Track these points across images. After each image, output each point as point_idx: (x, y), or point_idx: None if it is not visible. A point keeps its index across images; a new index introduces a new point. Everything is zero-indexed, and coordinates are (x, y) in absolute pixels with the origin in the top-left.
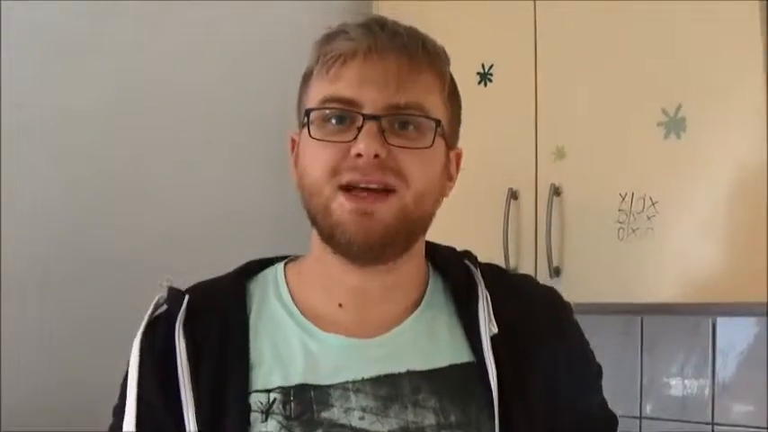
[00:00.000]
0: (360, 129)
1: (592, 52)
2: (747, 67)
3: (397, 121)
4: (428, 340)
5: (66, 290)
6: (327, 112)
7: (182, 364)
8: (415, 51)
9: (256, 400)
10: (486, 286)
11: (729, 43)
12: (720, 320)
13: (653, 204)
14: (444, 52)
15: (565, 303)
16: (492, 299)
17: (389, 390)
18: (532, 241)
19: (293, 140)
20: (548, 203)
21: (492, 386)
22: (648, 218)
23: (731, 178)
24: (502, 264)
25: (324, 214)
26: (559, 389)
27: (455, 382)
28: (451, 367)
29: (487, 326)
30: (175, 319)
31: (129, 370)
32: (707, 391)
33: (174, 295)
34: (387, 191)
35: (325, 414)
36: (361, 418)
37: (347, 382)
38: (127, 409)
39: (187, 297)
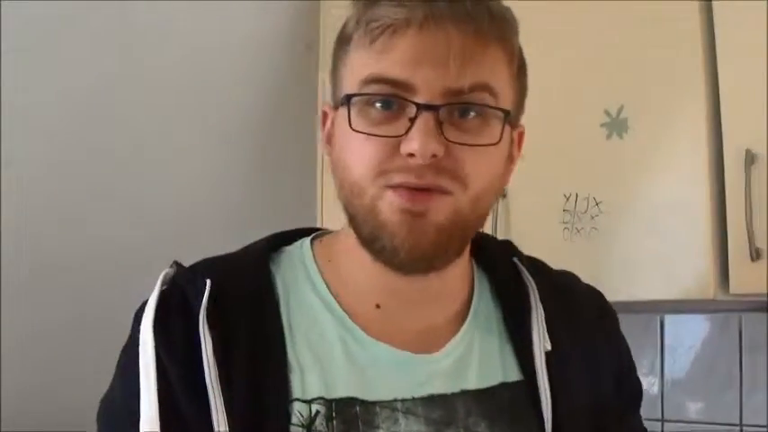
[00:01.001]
0: (412, 120)
1: (534, 54)
2: (688, 68)
3: (458, 109)
4: (480, 356)
5: (66, 289)
6: (371, 97)
7: (209, 364)
8: (482, 19)
9: (297, 410)
10: (538, 292)
11: (670, 44)
12: (668, 318)
13: (597, 204)
14: (513, 17)
15: (612, 309)
16: (544, 307)
17: (443, 413)
18: None
19: (324, 114)
20: (494, 205)
21: (544, 409)
22: (593, 218)
23: (674, 177)
24: None
25: (367, 216)
26: (608, 405)
27: (505, 404)
28: (502, 386)
29: (542, 342)
30: (195, 307)
31: (142, 366)
32: (656, 388)
33: (191, 277)
34: (441, 192)
35: None
36: None
37: (396, 401)
38: (146, 419)
39: (209, 284)
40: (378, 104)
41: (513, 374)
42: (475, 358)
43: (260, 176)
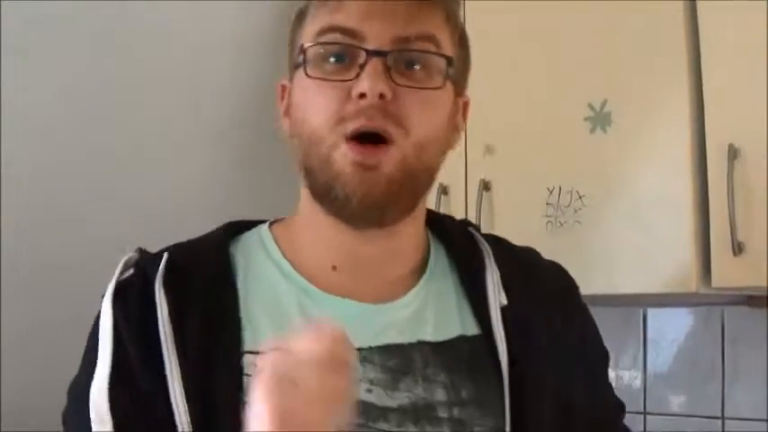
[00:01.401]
0: (362, 66)
1: (518, 48)
2: (671, 62)
3: (404, 60)
4: (436, 310)
5: (65, 289)
6: (325, 48)
7: (163, 325)
8: None
9: (250, 362)
10: (495, 257)
11: (653, 37)
12: (651, 311)
13: (580, 198)
14: None
15: (573, 279)
16: (501, 270)
17: (399, 361)
18: None
19: (283, 87)
20: (477, 198)
21: (502, 360)
22: (576, 211)
23: (657, 171)
24: None
25: (323, 165)
26: (572, 366)
27: (464, 356)
28: (461, 339)
29: (497, 297)
30: (151, 281)
31: (101, 340)
32: (638, 382)
33: (150, 256)
34: (385, 141)
35: None
36: (369, 391)
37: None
38: (97, 391)
39: (166, 255)
40: (331, 59)
41: (472, 329)
42: (431, 312)
43: (256, 174)
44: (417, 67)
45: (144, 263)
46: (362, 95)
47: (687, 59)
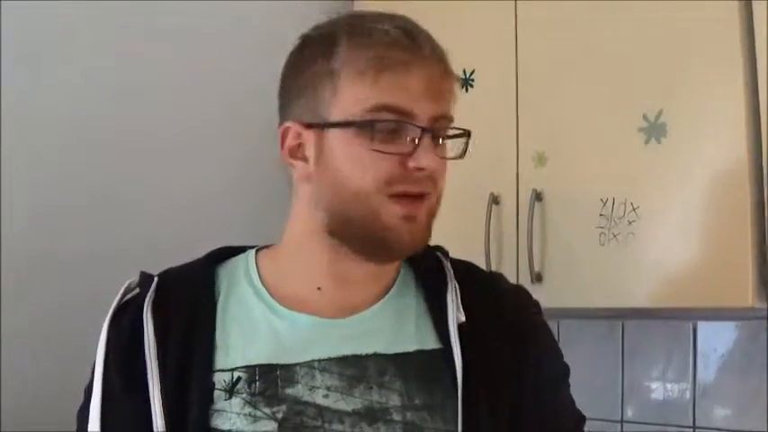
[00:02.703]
0: (414, 141)
1: (572, 58)
2: (727, 72)
3: (442, 131)
4: (396, 325)
5: (66, 287)
6: (379, 124)
7: (149, 342)
8: (444, 58)
9: (220, 378)
10: (456, 278)
11: (709, 48)
12: (701, 325)
13: (634, 209)
14: None
15: (534, 301)
16: (462, 291)
17: (355, 370)
18: (514, 246)
19: (287, 129)
20: (529, 208)
21: (457, 372)
22: (629, 223)
23: (712, 183)
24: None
25: (371, 218)
26: (526, 383)
27: (421, 367)
28: (418, 352)
29: (455, 314)
30: (141, 299)
31: (96, 356)
32: (687, 395)
33: (145, 278)
34: (423, 196)
35: (289, 390)
36: (326, 396)
37: (313, 361)
38: (93, 394)
39: (156, 279)
40: (387, 128)
41: (431, 343)
42: (388, 327)
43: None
44: (443, 135)
45: (141, 283)
46: (420, 169)
47: (743, 69)
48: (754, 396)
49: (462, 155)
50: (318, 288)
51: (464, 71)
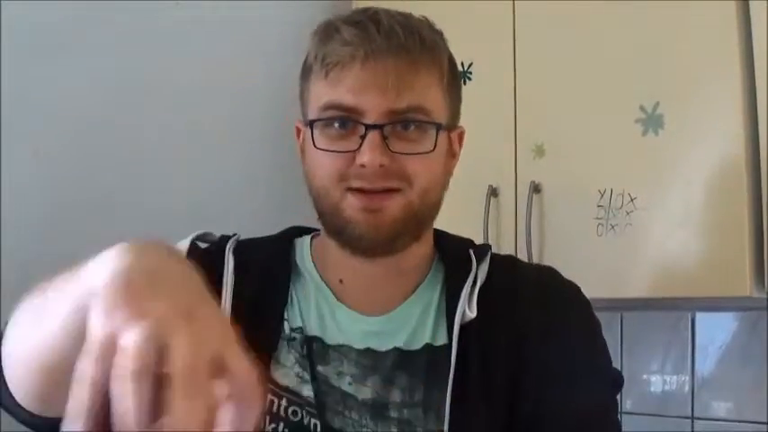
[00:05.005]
0: (362, 137)
1: (570, 50)
2: (724, 63)
3: (400, 125)
4: (419, 321)
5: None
6: (328, 122)
7: (228, 273)
8: (413, 49)
9: (287, 327)
10: (493, 277)
11: (706, 39)
12: (699, 315)
13: (632, 200)
14: (442, 38)
15: (580, 299)
16: (489, 287)
17: (372, 362)
18: (512, 238)
19: (298, 129)
20: (527, 200)
21: (450, 369)
22: (627, 213)
23: (709, 174)
24: None
25: (333, 213)
26: (534, 389)
27: (425, 363)
28: (426, 348)
29: (463, 309)
30: (224, 246)
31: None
32: (687, 387)
33: (224, 236)
34: (392, 190)
35: (320, 368)
36: (350, 384)
37: (343, 346)
38: None
39: (236, 235)
40: (336, 125)
41: (441, 339)
42: (411, 324)
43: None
44: (412, 127)
45: (221, 240)
46: (364, 165)
47: (740, 61)
48: (752, 386)
49: (433, 149)
50: (340, 281)
51: (462, 64)
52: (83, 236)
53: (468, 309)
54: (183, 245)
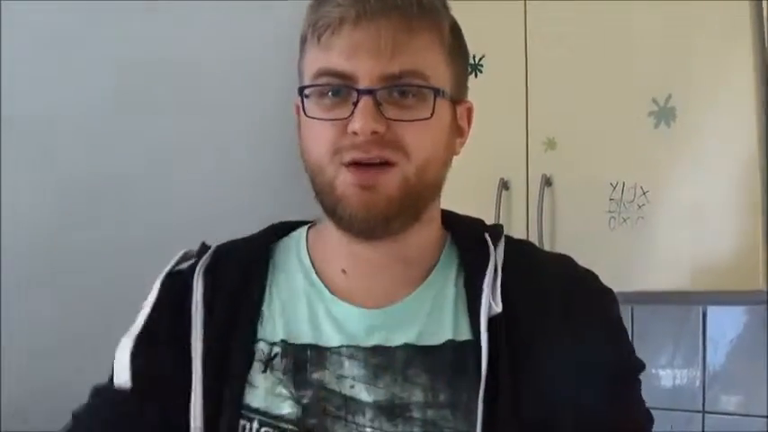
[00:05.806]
0: (355, 104)
1: (582, 43)
2: (736, 55)
3: (395, 91)
4: (431, 314)
5: (69, 287)
6: (321, 88)
7: (196, 302)
8: (409, 10)
9: (260, 348)
10: (508, 264)
11: (718, 32)
12: (711, 309)
13: (644, 194)
14: (444, 4)
15: (601, 288)
16: (509, 277)
17: (381, 359)
18: (524, 231)
19: (297, 107)
20: (539, 193)
21: (482, 368)
22: (639, 207)
23: (721, 167)
24: None
25: (328, 190)
26: (560, 385)
27: (449, 361)
28: (448, 344)
29: (488, 303)
30: (196, 265)
31: (142, 310)
32: (697, 380)
33: (202, 248)
34: (388, 164)
35: (316, 375)
36: (352, 387)
37: (342, 347)
38: (131, 331)
39: (214, 247)
40: (329, 93)
41: (464, 334)
42: (423, 316)
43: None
44: (410, 94)
45: (199, 252)
46: (356, 133)
47: (752, 53)
48: (763, 381)
49: (430, 116)
50: (343, 270)
51: (473, 57)
52: (88, 236)
53: (493, 302)
54: (156, 285)
